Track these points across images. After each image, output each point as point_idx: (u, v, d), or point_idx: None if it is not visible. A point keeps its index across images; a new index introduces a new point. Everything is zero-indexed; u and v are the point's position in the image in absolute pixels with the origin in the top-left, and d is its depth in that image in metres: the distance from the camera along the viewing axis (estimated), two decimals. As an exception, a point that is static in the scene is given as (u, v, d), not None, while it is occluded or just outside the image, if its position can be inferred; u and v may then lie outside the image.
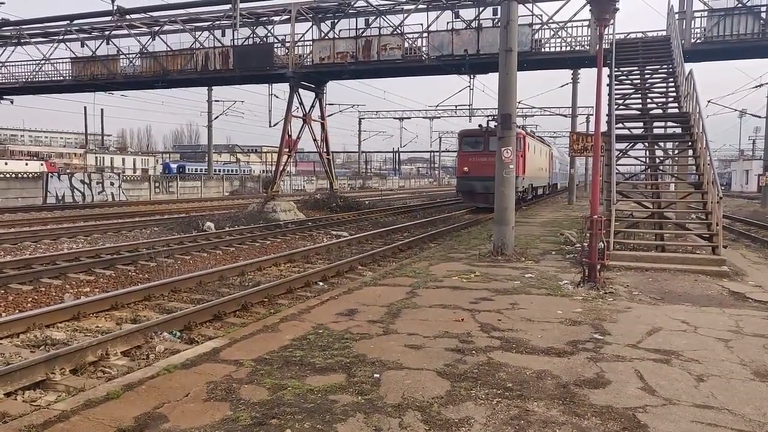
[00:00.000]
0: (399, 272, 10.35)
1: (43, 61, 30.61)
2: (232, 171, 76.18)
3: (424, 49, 23.34)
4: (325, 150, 29.70)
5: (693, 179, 13.73)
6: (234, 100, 63.25)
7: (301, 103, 27.26)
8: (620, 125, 14.30)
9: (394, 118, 73.36)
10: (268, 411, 4.26)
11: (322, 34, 26.02)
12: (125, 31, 29.20)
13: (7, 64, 31.78)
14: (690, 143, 13.70)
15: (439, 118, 68.17)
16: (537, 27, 21.67)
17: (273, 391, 4.65)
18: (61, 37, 30.22)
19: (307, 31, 26.10)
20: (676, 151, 15.81)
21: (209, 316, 7.64)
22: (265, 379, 4.90)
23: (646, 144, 14.76)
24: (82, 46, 30.11)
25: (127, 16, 28.44)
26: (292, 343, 5.94)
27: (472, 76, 28.08)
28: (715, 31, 19.57)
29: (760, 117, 44.81)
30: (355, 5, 24.44)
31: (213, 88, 48.77)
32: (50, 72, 30.79)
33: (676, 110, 15.18)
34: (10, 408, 4.77)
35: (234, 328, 7.19)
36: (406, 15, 24.22)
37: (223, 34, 27.37)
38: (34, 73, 31.02)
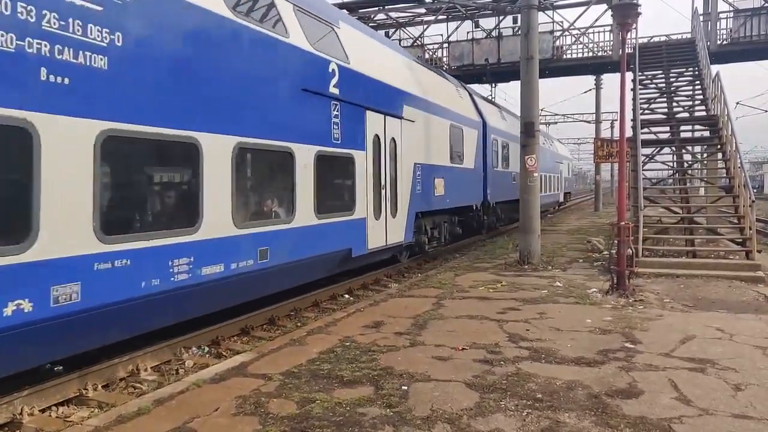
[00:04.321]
0: (424, 283, 10.31)
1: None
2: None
3: (444, 59, 23.37)
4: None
5: (723, 183, 13.45)
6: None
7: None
8: (646, 130, 14.10)
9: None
10: (297, 425, 4.26)
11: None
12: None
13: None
14: (719, 146, 13.44)
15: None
16: (558, 34, 21.56)
17: (301, 404, 4.65)
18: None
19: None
20: (705, 155, 15.52)
21: (237, 331, 7.69)
22: (294, 393, 4.90)
23: (674, 148, 14.52)
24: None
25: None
26: (319, 356, 5.94)
27: (493, 85, 28.02)
28: (741, 31, 19.22)
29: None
30: (375, 18, 24.61)
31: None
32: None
33: (704, 113, 14.93)
34: (45, 424, 4.85)
35: (261, 341, 7.24)
36: (425, 26, 24.33)
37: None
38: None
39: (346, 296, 10.17)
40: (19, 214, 4.48)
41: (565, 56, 21.59)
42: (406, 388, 5.00)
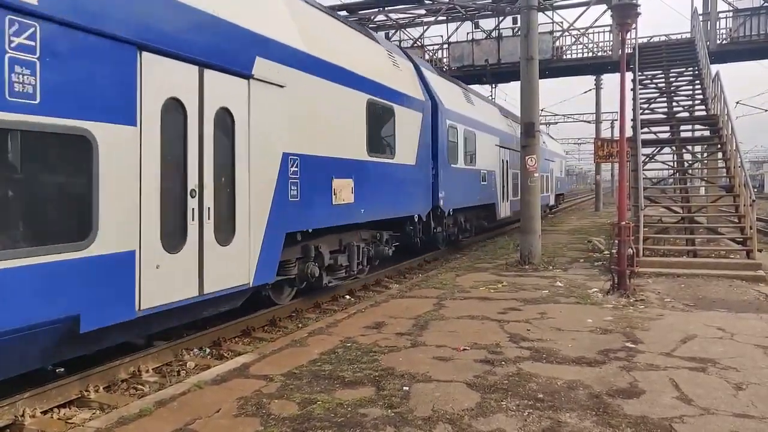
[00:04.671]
0: (425, 284, 10.32)
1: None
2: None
3: (444, 60, 23.40)
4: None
5: (723, 182, 13.45)
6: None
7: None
8: (646, 130, 14.12)
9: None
10: (299, 426, 4.26)
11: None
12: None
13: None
14: (719, 146, 13.45)
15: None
16: (558, 34, 21.58)
17: (303, 405, 4.66)
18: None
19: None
20: (705, 155, 15.52)
21: (238, 332, 7.70)
22: (295, 394, 4.91)
23: (674, 148, 14.53)
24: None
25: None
26: (320, 357, 5.95)
27: (493, 86, 28.05)
28: (741, 31, 19.24)
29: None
30: (375, 20, 24.64)
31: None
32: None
33: (704, 113, 14.94)
34: (47, 426, 4.86)
35: (263, 343, 7.25)
36: (425, 27, 24.36)
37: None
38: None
39: (347, 297, 10.17)
40: None
41: (565, 56, 21.62)
42: (407, 388, 5.00)
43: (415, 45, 24.08)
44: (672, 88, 16.61)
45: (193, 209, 6.10)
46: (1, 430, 4.76)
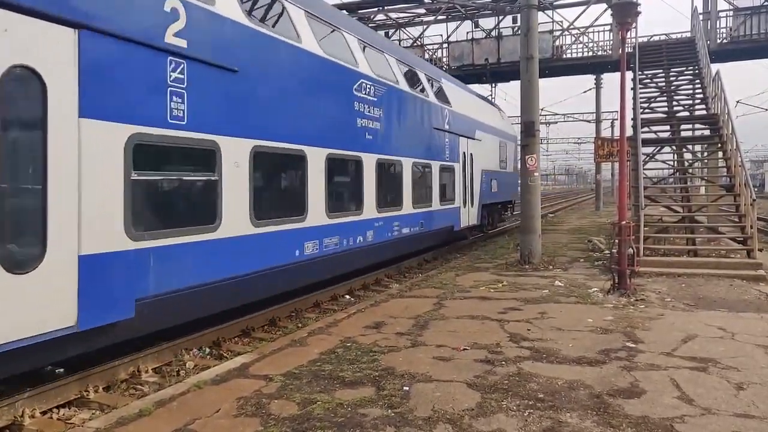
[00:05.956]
0: (425, 283, 10.31)
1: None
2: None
3: (444, 59, 23.38)
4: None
5: (724, 181, 13.43)
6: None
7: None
8: (646, 129, 14.10)
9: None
10: (298, 426, 4.25)
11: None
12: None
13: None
14: (720, 145, 13.43)
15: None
16: (558, 33, 21.56)
17: (302, 405, 4.64)
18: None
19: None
20: (706, 154, 15.49)
21: (238, 332, 7.69)
22: (295, 394, 4.90)
23: (674, 147, 14.52)
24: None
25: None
26: (320, 357, 5.94)
27: (493, 85, 28.04)
28: (741, 30, 19.24)
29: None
30: (375, 19, 24.63)
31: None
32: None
33: (704, 112, 14.92)
34: (46, 427, 4.85)
35: (262, 343, 7.24)
36: (425, 27, 24.35)
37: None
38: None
39: (347, 297, 10.16)
40: None
41: (564, 56, 21.61)
42: (407, 388, 4.99)
43: (415, 44, 24.07)
44: (672, 88, 16.58)
45: None
46: (1, 430, 4.75)
